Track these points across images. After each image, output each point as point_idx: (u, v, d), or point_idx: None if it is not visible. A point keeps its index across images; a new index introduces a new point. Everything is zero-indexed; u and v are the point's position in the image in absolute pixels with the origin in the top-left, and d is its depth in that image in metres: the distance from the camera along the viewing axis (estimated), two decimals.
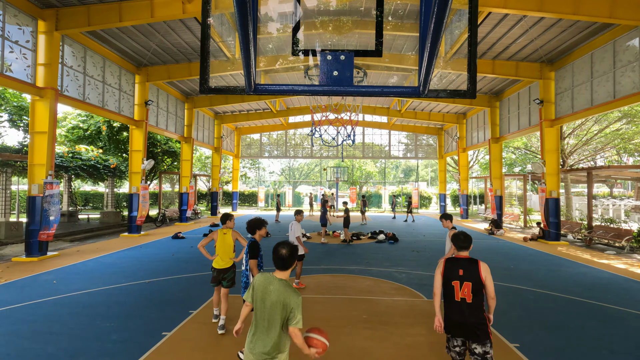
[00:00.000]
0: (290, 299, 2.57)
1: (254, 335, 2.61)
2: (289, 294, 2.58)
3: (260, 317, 2.61)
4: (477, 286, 3.10)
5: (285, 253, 2.66)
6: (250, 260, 4.28)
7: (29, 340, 4.52)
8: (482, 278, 3.11)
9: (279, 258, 2.68)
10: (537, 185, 24.36)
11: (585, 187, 18.33)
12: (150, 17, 10.20)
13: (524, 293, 6.79)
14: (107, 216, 17.67)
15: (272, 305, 2.58)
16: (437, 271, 3.29)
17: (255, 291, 2.67)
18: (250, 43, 2.00)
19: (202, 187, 33.16)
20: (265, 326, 2.58)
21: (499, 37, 12.36)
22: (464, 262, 3.21)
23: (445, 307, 3.21)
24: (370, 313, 5.61)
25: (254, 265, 4.25)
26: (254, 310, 2.67)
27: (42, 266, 8.58)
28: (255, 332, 2.62)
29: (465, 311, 3.09)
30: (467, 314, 3.08)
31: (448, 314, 3.18)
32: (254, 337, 2.60)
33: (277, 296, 2.58)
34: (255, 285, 2.69)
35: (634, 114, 20.04)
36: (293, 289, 2.63)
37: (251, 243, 4.35)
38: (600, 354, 4.33)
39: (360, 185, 35.24)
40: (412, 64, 14.55)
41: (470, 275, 3.13)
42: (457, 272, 3.16)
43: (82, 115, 19.73)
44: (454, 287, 3.15)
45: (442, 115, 23.68)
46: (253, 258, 4.28)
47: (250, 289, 2.73)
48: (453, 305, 3.15)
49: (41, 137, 9.78)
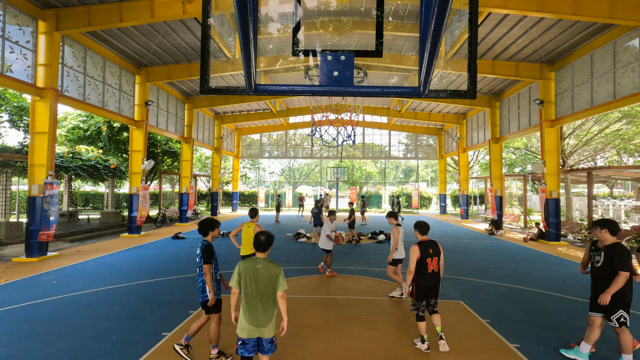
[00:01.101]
0: (275, 269, 3.19)
1: (251, 311, 3.10)
2: (273, 267, 3.20)
3: (253, 294, 3.11)
4: (439, 259, 4.41)
5: (263, 239, 3.23)
6: (204, 265, 3.85)
7: (29, 340, 4.52)
8: (441, 253, 4.44)
9: (259, 242, 3.22)
10: (537, 185, 24.36)
11: (586, 187, 18.33)
12: (150, 17, 10.21)
13: (524, 293, 6.79)
14: (107, 216, 17.68)
15: (264, 280, 3.14)
16: (413, 255, 4.32)
17: (243, 275, 3.15)
18: (251, 43, 2.00)
19: (202, 188, 33.16)
20: (263, 300, 3.11)
21: (499, 37, 12.36)
22: (429, 243, 4.40)
23: (420, 278, 4.31)
24: (370, 313, 5.61)
25: (207, 270, 3.84)
26: (244, 291, 3.13)
27: (42, 266, 8.58)
28: (251, 308, 3.10)
29: (435, 278, 4.37)
30: (436, 280, 4.38)
31: (423, 283, 4.31)
32: (251, 312, 3.10)
33: (266, 271, 3.16)
34: (241, 271, 3.17)
35: (634, 114, 20.04)
36: (275, 262, 3.24)
37: (205, 247, 3.88)
38: (601, 354, 4.33)
39: (360, 185, 35.24)
40: (412, 65, 14.55)
41: (435, 252, 4.37)
42: (428, 251, 4.33)
43: (82, 116, 19.75)
44: (428, 263, 4.30)
45: (442, 116, 23.68)
46: (207, 263, 3.85)
47: (235, 276, 3.17)
48: (427, 276, 4.32)
49: (41, 138, 9.79)
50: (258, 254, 3.26)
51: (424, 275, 4.28)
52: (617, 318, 3.79)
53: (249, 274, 3.14)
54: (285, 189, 31.91)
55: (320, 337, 4.73)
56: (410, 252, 4.34)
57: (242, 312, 3.14)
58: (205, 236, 4.04)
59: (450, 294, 6.68)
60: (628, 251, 3.81)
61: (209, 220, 4.10)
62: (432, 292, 4.35)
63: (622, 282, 3.70)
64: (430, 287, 4.31)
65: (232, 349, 4.23)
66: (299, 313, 5.58)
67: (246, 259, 3.25)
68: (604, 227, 3.91)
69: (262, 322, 3.08)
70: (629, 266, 3.70)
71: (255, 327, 3.08)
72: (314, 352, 4.28)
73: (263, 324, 3.09)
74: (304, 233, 13.64)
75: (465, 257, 10.32)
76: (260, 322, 3.08)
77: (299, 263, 9.32)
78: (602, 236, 3.93)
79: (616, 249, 3.82)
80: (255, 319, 3.09)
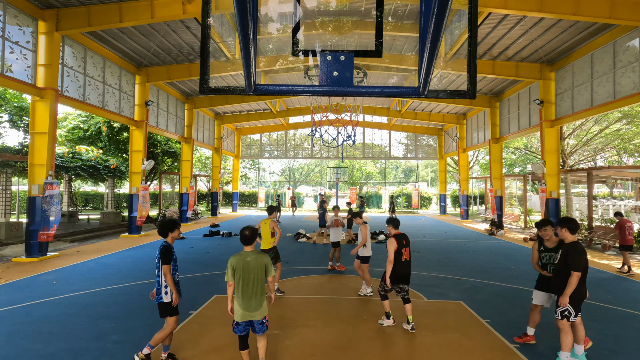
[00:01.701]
0: (264, 259, 3.62)
1: (243, 298, 3.51)
2: (262, 257, 3.62)
3: (246, 284, 3.51)
4: (409, 250, 5.05)
5: (248, 233, 3.64)
6: (163, 266, 3.80)
7: (30, 340, 4.52)
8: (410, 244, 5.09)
9: (245, 237, 3.64)
10: (537, 185, 24.36)
11: (586, 187, 18.32)
12: (150, 17, 10.21)
13: (524, 293, 6.78)
14: (107, 217, 17.67)
15: (255, 270, 3.54)
16: (391, 247, 4.85)
17: (236, 269, 3.53)
18: (250, 43, 2.00)
19: (202, 188, 33.16)
20: (254, 288, 3.52)
21: (499, 37, 12.37)
22: (402, 236, 5.03)
23: (395, 265, 4.86)
24: (370, 313, 5.61)
25: (167, 271, 3.79)
26: (238, 282, 3.51)
27: (42, 267, 8.58)
28: (244, 295, 3.50)
29: (408, 266, 4.98)
30: (407, 267, 4.98)
31: (397, 270, 4.88)
32: (244, 299, 3.51)
33: (256, 262, 3.56)
34: (234, 265, 3.54)
35: (634, 114, 20.04)
36: (262, 253, 3.66)
37: (163, 247, 3.85)
38: (601, 355, 4.33)
39: (360, 185, 35.23)
40: (412, 65, 14.55)
41: (407, 243, 5.03)
42: (402, 242, 4.94)
43: (82, 116, 19.75)
44: (403, 252, 4.90)
45: (442, 116, 23.68)
46: (165, 263, 3.80)
47: (229, 271, 3.53)
48: (402, 264, 4.91)
49: (41, 138, 9.79)
50: (246, 248, 3.64)
51: (398, 263, 4.87)
52: (562, 311, 3.84)
53: (241, 267, 3.52)
54: (286, 189, 31.92)
55: (320, 337, 4.72)
56: (389, 244, 4.88)
57: (236, 301, 3.54)
58: (165, 237, 3.96)
59: (450, 294, 6.69)
60: (583, 250, 3.82)
61: (169, 221, 4.03)
62: (403, 278, 4.94)
63: (575, 282, 3.73)
64: (403, 273, 4.93)
65: (230, 348, 4.23)
66: (299, 313, 5.58)
67: (236, 254, 3.58)
68: (564, 225, 3.97)
69: (253, 308, 3.51)
70: (581, 266, 3.75)
71: (248, 312, 3.50)
72: (314, 353, 4.28)
73: (254, 309, 3.52)
74: (304, 233, 13.63)
75: (465, 257, 10.32)
76: (251, 308, 3.51)
77: (299, 263, 9.32)
78: (562, 234, 4.01)
79: (572, 247, 3.85)
80: (247, 305, 3.50)
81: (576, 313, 3.83)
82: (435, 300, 6.31)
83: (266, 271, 3.60)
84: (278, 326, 5.04)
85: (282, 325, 5.07)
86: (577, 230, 3.96)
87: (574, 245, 3.87)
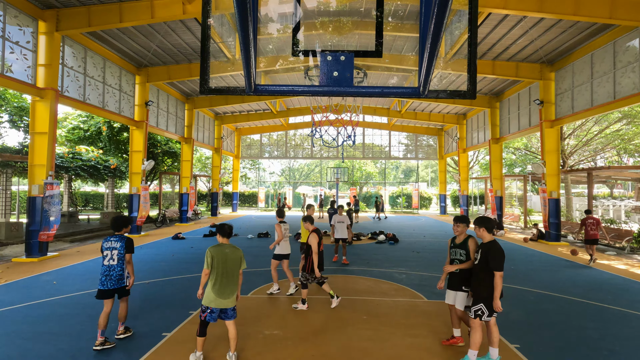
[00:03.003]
0: (239, 252, 4.10)
1: (218, 285, 3.89)
2: (237, 250, 4.10)
3: (222, 273, 3.92)
4: None
5: (227, 228, 4.14)
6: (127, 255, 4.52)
7: (30, 340, 4.52)
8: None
9: (224, 231, 4.12)
10: (537, 186, 24.36)
11: (586, 187, 18.32)
12: (150, 17, 10.21)
13: (524, 294, 6.79)
14: (107, 217, 17.67)
15: (232, 261, 4.00)
16: (315, 240, 5.59)
17: (215, 259, 3.93)
18: (251, 44, 2.00)
19: (202, 188, 33.16)
20: (229, 276, 3.95)
21: (499, 37, 12.37)
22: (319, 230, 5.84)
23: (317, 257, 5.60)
24: (370, 314, 5.60)
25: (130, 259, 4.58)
26: (215, 271, 3.92)
27: (42, 267, 8.58)
28: (219, 283, 3.89)
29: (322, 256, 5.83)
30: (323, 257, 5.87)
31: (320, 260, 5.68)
32: (220, 287, 3.90)
33: (233, 254, 4.03)
34: (214, 255, 3.95)
35: (634, 114, 20.04)
36: (237, 247, 4.12)
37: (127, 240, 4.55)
38: (601, 355, 4.33)
39: (360, 185, 35.23)
40: (412, 65, 14.55)
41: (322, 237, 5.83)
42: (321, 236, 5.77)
43: (82, 116, 19.77)
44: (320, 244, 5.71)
45: (442, 116, 23.68)
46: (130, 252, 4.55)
47: (208, 260, 3.94)
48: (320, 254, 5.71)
49: (41, 138, 9.79)
50: (223, 240, 4.12)
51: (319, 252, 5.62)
52: (476, 310, 3.86)
53: (219, 257, 3.95)
54: (286, 189, 31.91)
55: (320, 337, 4.72)
56: (312, 238, 5.62)
57: (210, 288, 3.90)
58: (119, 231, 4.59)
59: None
60: (502, 251, 3.84)
61: (123, 218, 4.68)
62: (320, 266, 5.65)
63: (499, 282, 3.75)
64: (321, 262, 5.68)
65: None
66: (299, 313, 5.58)
67: (215, 245, 4.05)
68: (481, 225, 3.99)
69: (227, 295, 3.91)
70: (502, 266, 3.78)
71: (221, 299, 3.88)
72: (314, 353, 4.28)
73: (228, 297, 3.91)
74: None
75: None
76: (225, 296, 3.90)
77: (299, 263, 9.31)
78: (480, 234, 4.04)
79: (491, 247, 3.86)
80: (222, 292, 3.88)
81: (490, 313, 3.81)
82: (435, 300, 6.31)
83: (241, 263, 4.08)
84: (278, 326, 5.04)
85: (283, 326, 5.07)
86: (493, 229, 4.01)
87: (492, 244, 3.87)
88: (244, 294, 6.28)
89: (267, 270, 8.37)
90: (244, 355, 4.18)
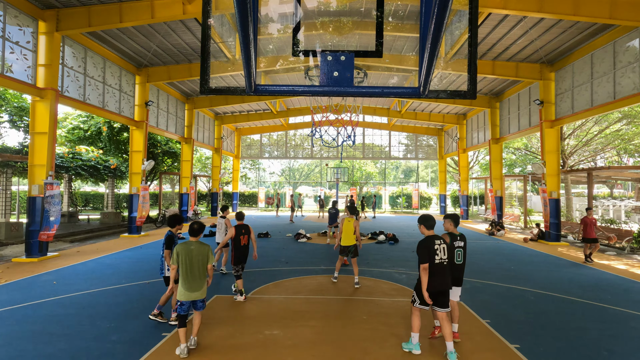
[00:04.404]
0: (205, 248, 4.31)
1: (187, 281, 4.16)
2: (203, 246, 4.30)
3: (189, 269, 4.16)
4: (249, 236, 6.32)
5: (196, 227, 4.33)
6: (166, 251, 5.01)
7: (30, 340, 4.52)
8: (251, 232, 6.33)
9: (193, 229, 4.32)
10: (537, 186, 24.36)
11: (586, 187, 18.32)
12: (150, 18, 10.21)
13: (524, 294, 6.78)
14: (107, 217, 17.67)
15: (197, 258, 4.21)
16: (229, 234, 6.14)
17: (180, 255, 4.17)
18: (251, 44, 2.00)
19: (202, 188, 33.15)
20: (196, 272, 4.19)
21: (499, 37, 12.37)
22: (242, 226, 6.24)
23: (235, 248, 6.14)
24: (370, 314, 5.60)
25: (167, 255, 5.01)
26: (181, 267, 4.16)
27: (42, 267, 8.58)
28: (188, 279, 4.15)
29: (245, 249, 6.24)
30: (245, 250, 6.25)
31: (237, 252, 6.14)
32: (189, 282, 4.16)
33: (198, 251, 4.24)
34: (179, 252, 4.18)
35: (634, 114, 20.04)
36: (204, 244, 4.33)
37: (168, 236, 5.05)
38: (601, 355, 4.33)
39: (360, 185, 35.23)
40: (412, 65, 14.55)
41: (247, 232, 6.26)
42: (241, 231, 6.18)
43: (82, 116, 19.74)
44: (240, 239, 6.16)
45: (442, 116, 23.68)
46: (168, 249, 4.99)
47: (174, 256, 4.18)
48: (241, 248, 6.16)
49: (41, 138, 9.79)
50: (191, 238, 4.33)
51: (237, 246, 6.09)
52: (412, 296, 4.44)
53: (184, 254, 4.18)
54: (286, 189, 31.91)
55: (320, 337, 4.72)
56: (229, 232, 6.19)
57: (181, 284, 4.17)
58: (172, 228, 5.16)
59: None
60: (425, 245, 4.18)
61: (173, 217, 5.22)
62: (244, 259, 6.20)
63: (422, 274, 4.15)
64: (243, 254, 6.16)
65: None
66: (299, 314, 5.58)
67: (182, 243, 4.31)
68: (420, 222, 4.40)
69: (195, 289, 4.18)
70: (423, 259, 4.14)
71: (190, 292, 4.15)
72: (314, 353, 4.28)
73: (196, 290, 4.19)
74: (304, 233, 13.63)
75: None
76: (194, 289, 4.17)
77: (299, 264, 9.32)
78: (420, 230, 4.41)
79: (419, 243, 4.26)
80: (190, 286, 4.16)
81: (420, 301, 4.24)
82: None
83: (207, 259, 4.29)
84: (278, 326, 5.04)
85: (283, 326, 5.07)
86: (432, 227, 4.35)
87: (421, 240, 4.26)
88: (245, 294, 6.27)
89: (267, 270, 8.38)
90: (245, 356, 4.18)
